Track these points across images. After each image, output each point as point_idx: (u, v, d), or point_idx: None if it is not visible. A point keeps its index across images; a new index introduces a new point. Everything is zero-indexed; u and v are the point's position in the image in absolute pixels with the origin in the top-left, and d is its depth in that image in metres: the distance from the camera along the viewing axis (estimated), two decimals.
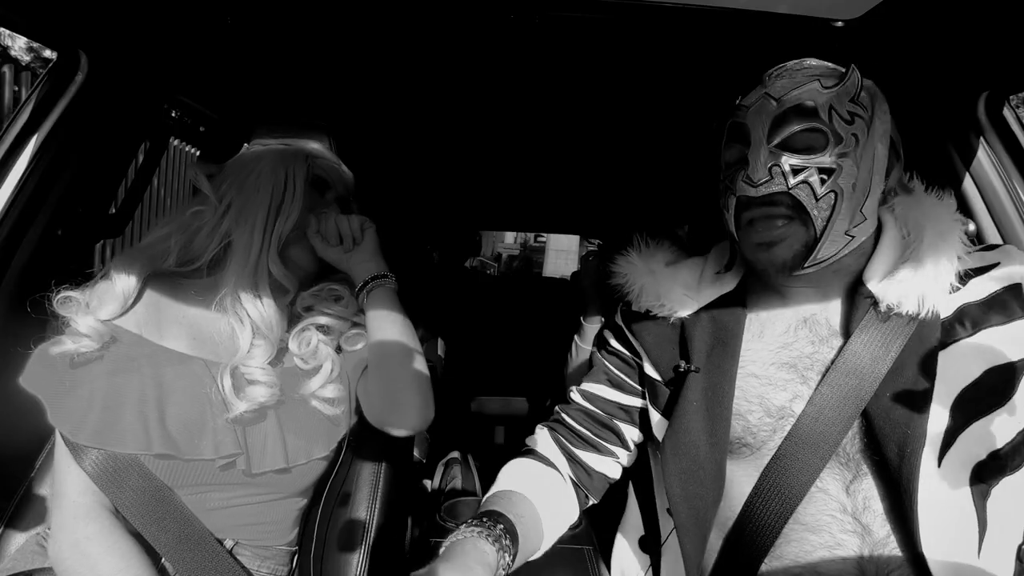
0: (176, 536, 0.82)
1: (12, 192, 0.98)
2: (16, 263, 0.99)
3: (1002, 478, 0.70)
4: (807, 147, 0.73)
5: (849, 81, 0.74)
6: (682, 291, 0.88)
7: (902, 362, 0.72)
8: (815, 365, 0.77)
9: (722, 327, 0.83)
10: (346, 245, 0.97)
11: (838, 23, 0.87)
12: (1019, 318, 0.72)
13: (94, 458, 0.81)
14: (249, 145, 1.00)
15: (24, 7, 0.92)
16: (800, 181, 0.72)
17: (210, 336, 0.91)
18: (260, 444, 0.85)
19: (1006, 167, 1.00)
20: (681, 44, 1.02)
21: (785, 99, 0.73)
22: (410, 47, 1.10)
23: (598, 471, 0.90)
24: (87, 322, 0.84)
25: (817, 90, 0.73)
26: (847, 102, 0.73)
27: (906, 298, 0.73)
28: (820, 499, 0.74)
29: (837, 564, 0.72)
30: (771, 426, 0.77)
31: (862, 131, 0.74)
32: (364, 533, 0.95)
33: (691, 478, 0.80)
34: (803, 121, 0.73)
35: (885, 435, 0.71)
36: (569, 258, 9.89)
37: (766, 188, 0.73)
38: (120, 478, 0.81)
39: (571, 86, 1.26)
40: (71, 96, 1.04)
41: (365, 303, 0.94)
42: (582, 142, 1.68)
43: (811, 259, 0.74)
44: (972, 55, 0.93)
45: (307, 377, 0.90)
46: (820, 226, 0.73)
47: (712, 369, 0.81)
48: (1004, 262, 0.76)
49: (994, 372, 0.70)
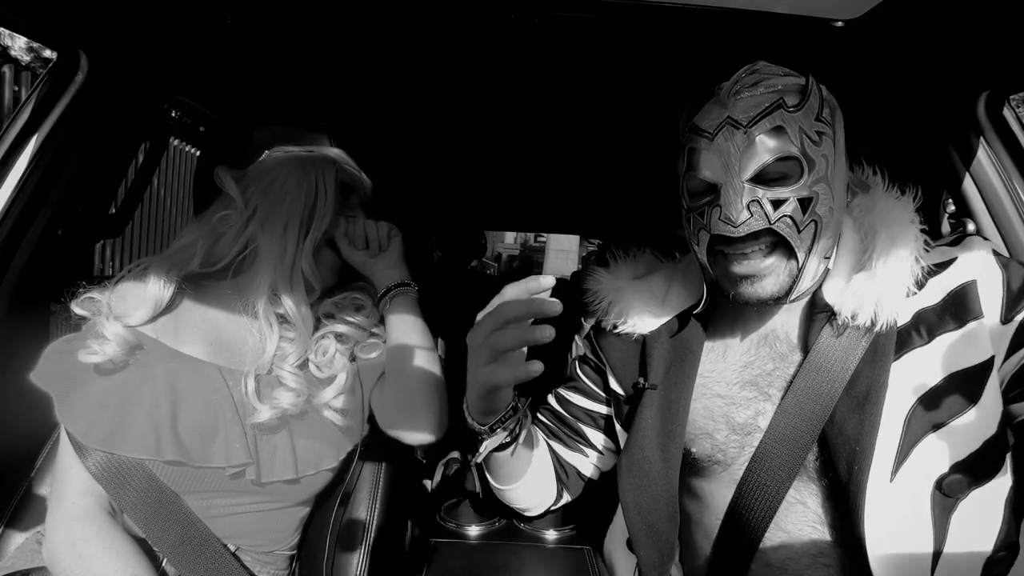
0: (179, 537, 0.81)
1: (12, 192, 0.98)
2: (16, 263, 0.99)
3: (969, 492, 0.67)
4: (782, 176, 0.69)
5: (812, 97, 0.70)
6: (645, 307, 0.87)
7: (857, 375, 0.70)
8: (775, 382, 0.76)
9: (682, 345, 0.83)
10: (372, 250, 0.97)
11: (838, 23, 0.87)
12: (973, 319, 0.69)
13: (99, 458, 0.80)
14: (271, 152, 1.00)
15: (24, 7, 0.92)
16: (781, 216, 0.68)
17: (228, 342, 0.90)
18: (270, 453, 0.85)
19: (1006, 167, 1.00)
20: (681, 44, 1.02)
21: (753, 129, 0.69)
22: (410, 47, 1.11)
23: (569, 463, 0.93)
24: (114, 329, 0.83)
25: (783, 114, 0.69)
26: (813, 121, 0.70)
27: (861, 309, 0.71)
28: (799, 511, 0.74)
29: (820, 571, 0.72)
30: (738, 443, 0.77)
31: (830, 150, 0.70)
32: (364, 533, 0.95)
33: (643, 493, 0.80)
34: (776, 151, 0.68)
35: (837, 451, 0.70)
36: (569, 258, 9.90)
37: (747, 228, 0.68)
38: (124, 478, 0.80)
39: (571, 86, 1.26)
40: (71, 96, 1.04)
41: (387, 310, 0.94)
42: (582, 142, 1.68)
43: (795, 291, 0.72)
44: (972, 55, 0.93)
45: (322, 386, 0.90)
46: (802, 257, 0.69)
47: (669, 386, 0.81)
48: (962, 256, 0.73)
49: (953, 379, 0.68)
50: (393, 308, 0.94)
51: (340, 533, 0.95)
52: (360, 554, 0.94)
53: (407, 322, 0.93)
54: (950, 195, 1.08)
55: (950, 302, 0.71)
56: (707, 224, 0.71)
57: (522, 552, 1.36)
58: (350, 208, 0.99)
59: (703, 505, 0.82)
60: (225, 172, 0.94)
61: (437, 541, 1.38)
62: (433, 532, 1.42)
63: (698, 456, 0.80)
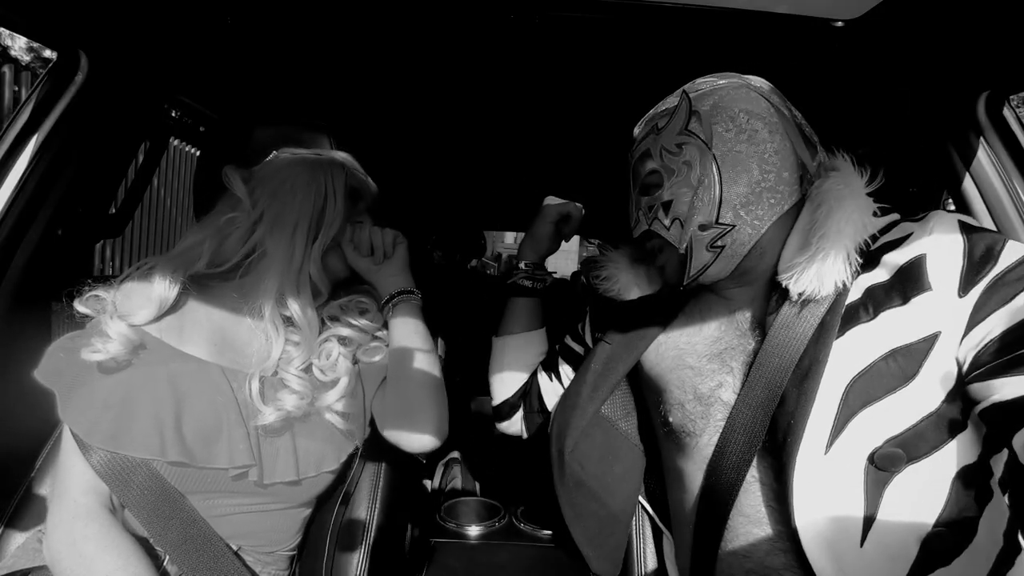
0: (181, 535, 0.81)
1: (12, 192, 0.98)
2: (16, 263, 0.99)
3: (904, 466, 0.66)
4: (652, 186, 0.84)
5: (676, 116, 0.83)
6: (633, 280, 1.01)
7: (806, 351, 0.73)
8: (738, 356, 0.80)
9: (647, 314, 0.94)
10: (376, 257, 0.98)
11: (838, 23, 0.87)
12: (917, 294, 0.68)
13: (103, 456, 0.80)
14: (279, 153, 1.00)
15: (24, 7, 0.92)
16: (653, 218, 0.83)
17: (232, 343, 0.90)
18: (273, 455, 0.85)
19: (1006, 167, 1.00)
20: (681, 44, 1.02)
21: (635, 151, 0.88)
22: (411, 47, 1.11)
23: (539, 383, 1.07)
24: (118, 328, 0.83)
25: (652, 138, 0.84)
26: (675, 135, 0.82)
27: (808, 284, 0.73)
28: (756, 489, 0.75)
29: (780, 558, 0.72)
30: (702, 413, 0.81)
31: (694, 154, 0.79)
32: (364, 533, 0.95)
33: (563, 415, 0.95)
34: (645, 167, 0.85)
35: (777, 424, 0.72)
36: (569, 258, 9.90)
37: (637, 230, 0.88)
38: (127, 476, 0.80)
39: (571, 86, 1.26)
40: (71, 96, 1.04)
41: (390, 316, 0.95)
42: (582, 142, 1.68)
43: (686, 277, 0.83)
44: (972, 55, 0.93)
45: (325, 389, 0.90)
46: (684, 248, 0.81)
47: (622, 344, 0.94)
48: (916, 231, 0.72)
49: (893, 355, 0.68)
50: (396, 315, 0.95)
51: (340, 533, 0.95)
52: (360, 554, 0.94)
53: (409, 326, 0.94)
54: (950, 195, 1.08)
55: (897, 278, 0.70)
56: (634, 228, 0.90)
57: (522, 552, 1.36)
58: (357, 214, 0.99)
59: (683, 487, 0.85)
60: (234, 172, 0.93)
61: (437, 541, 1.38)
62: (433, 532, 1.42)
63: (674, 426, 0.84)
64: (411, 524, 1.23)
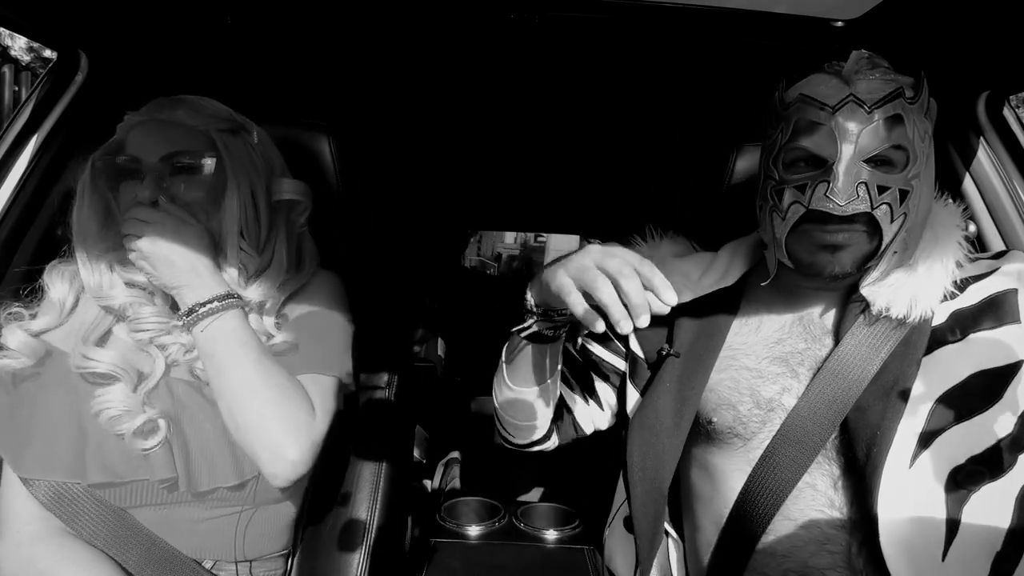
0: (142, 557, 0.77)
1: (12, 192, 0.98)
2: (16, 263, 0.99)
3: (983, 484, 0.69)
4: (890, 163, 0.70)
5: (924, 93, 0.72)
6: (681, 281, 0.86)
7: (886, 366, 0.73)
8: (806, 361, 0.78)
9: (711, 319, 0.85)
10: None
11: (838, 23, 0.87)
12: (1010, 323, 0.71)
13: (45, 486, 0.74)
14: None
15: (24, 7, 0.92)
16: (883, 202, 0.69)
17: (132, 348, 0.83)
18: (201, 459, 0.78)
19: (1006, 167, 1.00)
20: (681, 44, 1.02)
21: (876, 112, 0.69)
22: (410, 47, 1.11)
23: (569, 406, 0.94)
24: (17, 337, 0.77)
25: (903, 103, 0.70)
26: (922, 117, 0.72)
27: (895, 302, 0.73)
28: (809, 495, 0.75)
29: (826, 559, 0.73)
30: (760, 417, 0.78)
31: (930, 150, 0.73)
32: (364, 533, 0.95)
33: (650, 451, 0.83)
34: (893, 138, 0.69)
35: (857, 435, 0.72)
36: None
37: (853, 208, 0.68)
38: (74, 506, 0.75)
39: (571, 86, 1.26)
40: (71, 96, 1.04)
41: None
42: (582, 142, 1.68)
43: (863, 269, 0.74)
44: (972, 55, 0.93)
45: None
46: (886, 243, 0.71)
47: (692, 357, 0.83)
48: (1005, 267, 0.76)
49: (980, 376, 0.70)
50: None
51: (340, 533, 0.95)
52: (360, 554, 0.93)
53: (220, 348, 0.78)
54: (950, 195, 1.08)
55: (987, 305, 0.73)
56: (806, 199, 0.71)
57: (522, 552, 1.36)
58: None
59: (714, 486, 0.83)
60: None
61: (437, 541, 1.38)
62: (433, 532, 1.42)
63: (719, 427, 0.81)
64: (411, 524, 1.23)
